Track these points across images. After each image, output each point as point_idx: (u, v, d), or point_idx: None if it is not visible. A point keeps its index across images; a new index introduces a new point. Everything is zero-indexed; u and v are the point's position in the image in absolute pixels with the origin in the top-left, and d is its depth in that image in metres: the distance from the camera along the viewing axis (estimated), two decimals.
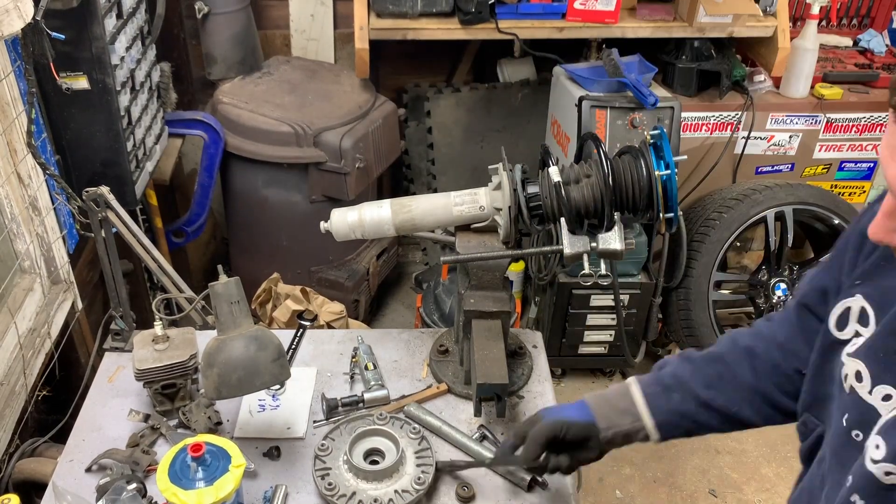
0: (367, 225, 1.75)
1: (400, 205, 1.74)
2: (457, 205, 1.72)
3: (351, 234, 1.77)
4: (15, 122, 1.97)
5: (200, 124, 3.08)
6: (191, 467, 1.42)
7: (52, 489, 1.56)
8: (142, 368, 1.70)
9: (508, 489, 1.61)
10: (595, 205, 1.63)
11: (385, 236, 1.81)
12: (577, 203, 1.64)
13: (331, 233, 1.77)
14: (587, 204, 1.64)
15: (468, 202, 1.71)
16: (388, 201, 1.75)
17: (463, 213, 1.72)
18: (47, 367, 2.09)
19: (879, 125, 3.21)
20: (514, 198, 1.65)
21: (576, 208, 1.64)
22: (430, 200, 1.74)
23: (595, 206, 1.64)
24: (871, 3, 3.58)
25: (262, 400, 1.80)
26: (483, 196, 1.71)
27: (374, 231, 1.75)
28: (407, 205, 1.74)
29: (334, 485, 1.54)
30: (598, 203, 1.63)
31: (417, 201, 1.75)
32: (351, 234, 1.77)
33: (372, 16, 3.05)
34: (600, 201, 1.63)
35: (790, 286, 3.27)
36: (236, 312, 1.55)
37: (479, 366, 1.61)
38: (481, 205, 1.71)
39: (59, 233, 2.21)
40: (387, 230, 1.75)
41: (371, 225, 1.75)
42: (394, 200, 1.75)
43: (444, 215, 1.73)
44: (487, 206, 1.70)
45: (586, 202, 1.64)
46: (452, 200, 1.72)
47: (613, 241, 1.65)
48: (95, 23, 2.13)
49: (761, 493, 3.04)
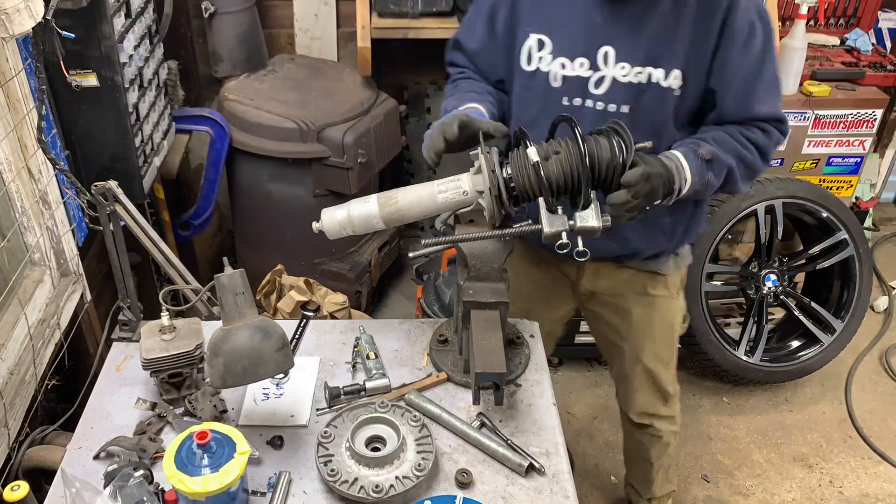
0: (356, 221, 1.73)
1: (386, 198, 1.73)
2: (440, 192, 1.72)
3: (342, 231, 1.75)
4: (26, 119, 2.00)
5: (207, 120, 3.10)
6: (196, 454, 1.44)
7: (60, 476, 1.57)
8: (149, 358, 1.71)
9: (506, 475, 1.63)
10: (570, 181, 1.64)
11: (375, 230, 1.79)
12: (553, 179, 1.64)
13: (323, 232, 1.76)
14: (564, 180, 1.64)
15: (451, 188, 1.71)
16: (374, 196, 1.74)
17: (448, 200, 1.71)
18: (57, 356, 2.12)
19: (866, 121, 3.25)
20: (493, 178, 1.65)
21: (552, 185, 1.64)
22: (414, 191, 1.73)
23: (570, 183, 1.64)
24: (858, 4, 3.62)
25: (267, 389, 1.82)
26: (465, 181, 1.71)
27: (364, 226, 1.74)
28: (392, 197, 1.73)
29: (337, 471, 1.56)
30: (574, 179, 1.64)
31: (403, 193, 1.74)
32: (342, 231, 1.75)
33: (374, 15, 3.08)
34: (576, 178, 1.63)
35: (780, 277, 3.31)
36: (241, 303, 1.56)
37: (477, 355, 1.63)
38: (464, 189, 1.70)
39: (68, 226, 2.24)
40: (376, 224, 1.74)
41: (360, 220, 1.73)
42: (380, 194, 1.74)
43: (430, 204, 1.72)
44: (470, 191, 1.70)
45: (565, 178, 1.64)
46: (436, 189, 1.72)
47: (591, 219, 1.64)
48: (104, 22, 2.15)
49: (752, 479, 3.08)
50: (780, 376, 3.37)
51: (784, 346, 3.41)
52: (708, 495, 3.01)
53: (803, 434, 3.28)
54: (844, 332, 3.34)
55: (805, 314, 3.35)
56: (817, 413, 3.39)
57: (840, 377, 3.54)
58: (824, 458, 3.17)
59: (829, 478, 3.09)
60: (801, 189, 3.20)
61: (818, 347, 3.33)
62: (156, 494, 1.49)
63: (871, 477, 3.10)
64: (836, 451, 3.21)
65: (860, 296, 3.31)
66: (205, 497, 1.41)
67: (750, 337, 3.31)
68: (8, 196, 2.03)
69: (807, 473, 3.11)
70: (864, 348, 3.65)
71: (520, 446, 1.69)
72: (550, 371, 1.94)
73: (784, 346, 3.42)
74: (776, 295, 3.32)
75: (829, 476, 3.10)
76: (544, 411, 1.80)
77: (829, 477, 3.10)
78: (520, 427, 1.75)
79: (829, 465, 3.14)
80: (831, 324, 3.32)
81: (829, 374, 3.51)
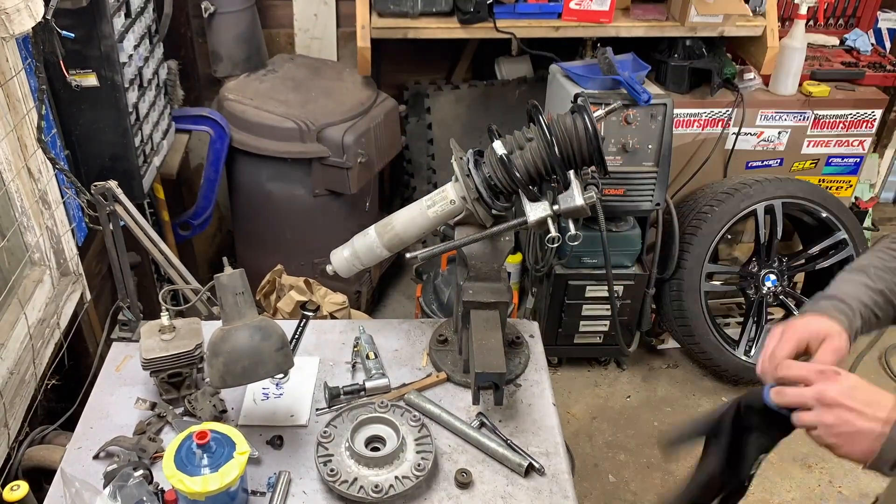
0: (361, 254, 1.84)
1: (382, 226, 1.80)
2: (429, 207, 1.75)
3: (352, 267, 1.87)
4: (26, 118, 2.00)
5: (207, 120, 3.10)
6: (196, 454, 1.44)
7: (60, 476, 1.57)
8: (149, 358, 1.71)
9: (506, 475, 1.64)
10: (544, 166, 1.64)
11: (382, 259, 1.87)
12: (525, 169, 1.64)
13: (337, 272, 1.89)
14: (537, 167, 1.64)
15: (438, 201, 1.74)
16: (371, 227, 1.82)
17: (439, 214, 1.74)
18: (56, 356, 2.11)
19: (865, 121, 3.25)
20: (469, 183, 1.66)
21: (525, 174, 1.64)
22: (407, 212, 1.78)
23: (544, 168, 1.64)
24: (857, 4, 3.63)
25: (266, 388, 1.82)
26: (450, 190, 1.73)
27: (370, 257, 1.83)
28: (388, 224, 1.80)
29: (336, 471, 1.56)
30: (546, 164, 1.63)
31: (396, 218, 1.79)
32: (352, 267, 1.87)
33: (374, 15, 3.07)
34: (548, 163, 1.63)
35: (779, 277, 3.31)
36: (241, 303, 1.57)
37: (477, 355, 1.63)
38: (451, 199, 1.72)
39: (68, 226, 2.23)
40: (380, 253, 1.82)
41: (364, 253, 1.83)
42: (377, 224, 1.82)
43: (424, 221, 1.76)
44: (457, 199, 1.72)
45: (536, 166, 1.64)
46: (425, 205, 1.75)
47: (573, 199, 1.64)
48: (104, 22, 2.15)
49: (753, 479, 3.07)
50: None
51: None
52: None
53: (802, 434, 3.26)
54: None
55: None
56: None
57: None
58: (824, 458, 3.17)
59: (828, 478, 3.09)
60: (801, 189, 3.20)
61: None
62: (155, 494, 1.49)
63: (871, 477, 3.10)
64: None
65: None
66: (204, 497, 1.42)
67: (749, 337, 3.31)
68: (8, 196, 2.03)
69: (806, 473, 3.11)
70: (864, 349, 3.65)
71: (519, 446, 1.69)
72: (550, 371, 1.94)
73: None
74: (776, 295, 3.32)
75: (828, 476, 3.10)
76: (544, 411, 1.80)
77: (829, 477, 3.10)
78: (519, 427, 1.75)
79: (829, 465, 3.14)
80: None
81: None
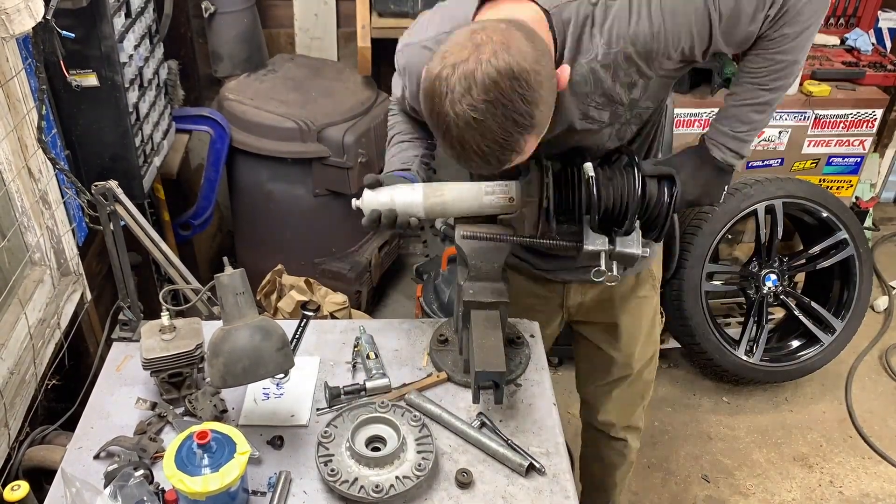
0: (399, 206, 1.71)
1: (432, 189, 1.71)
2: (487, 194, 1.70)
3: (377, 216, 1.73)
4: (26, 119, 2.00)
5: (207, 120, 3.11)
6: (197, 454, 1.44)
7: (60, 476, 1.56)
8: (149, 358, 1.71)
9: (506, 474, 1.63)
10: (619, 206, 1.64)
11: (411, 218, 1.74)
12: (608, 202, 1.64)
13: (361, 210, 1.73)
14: (614, 203, 1.64)
15: (499, 192, 1.69)
16: (420, 185, 1.73)
17: (493, 203, 1.70)
18: (57, 356, 2.12)
19: (866, 121, 3.25)
20: (546, 191, 1.64)
21: (605, 207, 1.64)
22: (461, 187, 1.72)
23: (621, 210, 1.64)
24: (858, 4, 3.62)
25: (267, 388, 1.81)
26: (514, 189, 1.69)
27: (403, 212, 1.71)
28: (439, 189, 1.71)
29: (337, 471, 1.56)
30: (623, 207, 1.64)
31: (448, 187, 1.72)
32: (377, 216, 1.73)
33: (374, 15, 3.08)
34: (626, 206, 1.63)
35: (780, 277, 3.31)
36: (241, 303, 1.56)
37: (477, 354, 1.63)
38: (511, 196, 1.69)
39: (68, 226, 2.24)
40: (416, 212, 1.71)
41: (402, 206, 1.71)
42: (426, 184, 1.73)
43: (473, 203, 1.71)
44: (517, 199, 1.68)
45: (614, 202, 1.64)
46: (483, 189, 1.70)
47: (632, 245, 1.65)
48: (104, 22, 2.16)
49: (752, 479, 3.08)
50: (780, 376, 3.38)
51: (784, 346, 3.42)
52: (708, 495, 3.02)
53: (803, 434, 3.28)
54: (844, 332, 3.34)
55: (805, 314, 3.35)
56: (817, 413, 3.39)
57: (840, 377, 3.54)
58: (824, 458, 3.17)
59: (829, 478, 3.09)
60: (801, 189, 3.20)
61: (818, 347, 3.34)
62: (156, 494, 1.49)
63: (872, 477, 3.10)
64: (836, 450, 3.21)
65: (860, 296, 3.32)
66: (205, 497, 1.42)
67: (750, 337, 3.32)
68: (8, 196, 2.03)
69: (807, 473, 3.11)
70: (865, 348, 3.66)
71: (520, 446, 1.69)
72: (550, 371, 1.94)
73: (784, 345, 3.42)
74: (776, 295, 3.32)
75: (829, 476, 3.10)
76: (544, 411, 1.79)
77: (830, 477, 3.10)
78: (520, 427, 1.75)
79: (830, 464, 3.15)
80: (831, 324, 3.32)
81: (830, 373, 3.51)
